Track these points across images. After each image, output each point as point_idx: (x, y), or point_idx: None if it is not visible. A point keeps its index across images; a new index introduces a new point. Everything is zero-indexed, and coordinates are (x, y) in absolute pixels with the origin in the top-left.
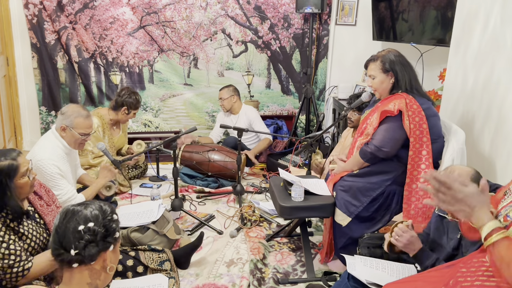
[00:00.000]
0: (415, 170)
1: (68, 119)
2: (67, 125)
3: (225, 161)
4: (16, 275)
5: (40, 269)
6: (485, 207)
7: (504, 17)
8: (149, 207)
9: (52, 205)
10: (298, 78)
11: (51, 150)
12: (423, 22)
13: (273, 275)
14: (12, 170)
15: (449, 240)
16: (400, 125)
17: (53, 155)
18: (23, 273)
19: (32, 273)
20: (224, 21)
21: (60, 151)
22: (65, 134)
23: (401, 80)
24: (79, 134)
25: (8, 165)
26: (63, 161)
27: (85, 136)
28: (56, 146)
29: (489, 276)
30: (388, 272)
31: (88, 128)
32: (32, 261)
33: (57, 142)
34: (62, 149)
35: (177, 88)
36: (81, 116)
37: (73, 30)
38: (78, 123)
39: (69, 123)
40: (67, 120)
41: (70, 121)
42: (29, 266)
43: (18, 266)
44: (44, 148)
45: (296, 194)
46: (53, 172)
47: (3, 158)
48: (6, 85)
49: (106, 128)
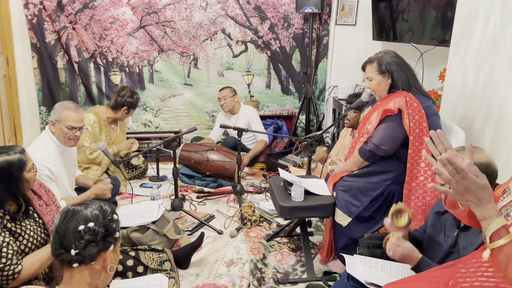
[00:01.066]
0: (414, 168)
1: (56, 113)
2: (56, 119)
3: (224, 161)
4: (6, 278)
5: (31, 271)
6: (492, 200)
7: (504, 17)
8: (149, 207)
9: (51, 205)
10: (298, 78)
11: (44, 150)
12: (423, 22)
13: (273, 275)
14: (22, 163)
15: (446, 237)
16: (399, 123)
17: (46, 155)
18: (13, 276)
19: (22, 276)
20: (224, 21)
21: (53, 151)
22: (55, 129)
23: (398, 80)
24: (66, 128)
25: (18, 159)
26: (57, 161)
27: (73, 130)
28: (49, 145)
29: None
30: (387, 272)
31: (76, 121)
32: (22, 264)
33: (50, 141)
34: (55, 148)
35: (177, 88)
36: (68, 109)
37: (73, 30)
38: (65, 115)
39: (57, 117)
40: (55, 114)
41: (58, 115)
42: (19, 270)
43: (8, 269)
44: (37, 147)
45: (296, 194)
46: (41, 174)
47: (12, 152)
48: (6, 85)
49: (102, 125)
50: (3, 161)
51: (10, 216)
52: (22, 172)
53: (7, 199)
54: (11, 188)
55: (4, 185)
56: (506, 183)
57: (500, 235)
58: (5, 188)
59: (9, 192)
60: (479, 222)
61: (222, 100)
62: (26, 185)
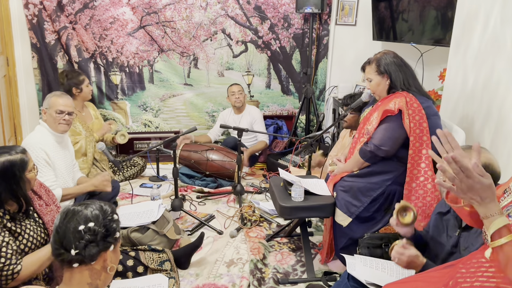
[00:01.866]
0: (415, 169)
1: (46, 102)
2: (45, 108)
3: (224, 160)
4: (5, 278)
5: (30, 271)
6: (495, 199)
7: (504, 17)
8: (149, 207)
9: (51, 205)
10: (298, 78)
11: (40, 135)
12: (423, 22)
13: (273, 275)
14: (24, 163)
15: (448, 237)
16: (400, 124)
17: (42, 140)
18: (12, 276)
19: (22, 276)
20: (224, 21)
21: (50, 138)
22: (46, 117)
23: (396, 81)
24: (55, 112)
25: (20, 159)
26: (54, 148)
27: (62, 114)
28: (44, 134)
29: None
30: (388, 272)
31: (63, 105)
32: (21, 263)
33: (45, 130)
34: (51, 136)
35: (177, 88)
36: (55, 95)
37: (73, 30)
38: (53, 101)
39: (46, 105)
40: (45, 103)
41: (47, 103)
42: (18, 270)
43: (7, 269)
44: (33, 135)
45: (296, 194)
46: (38, 157)
47: (13, 152)
48: (6, 85)
49: None
50: (5, 161)
51: (10, 216)
52: (24, 172)
53: (8, 199)
54: (12, 188)
55: (6, 185)
56: (506, 183)
57: (501, 234)
58: (6, 187)
59: (11, 192)
60: (482, 220)
61: (237, 94)
62: (27, 185)
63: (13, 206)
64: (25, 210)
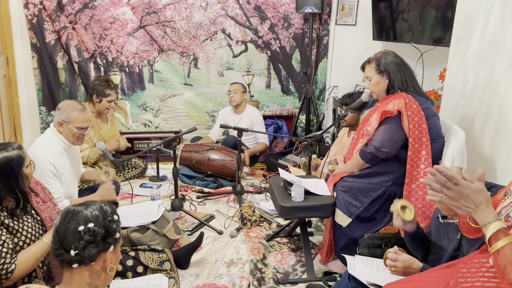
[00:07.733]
0: (414, 170)
1: (63, 114)
2: (64, 120)
3: (225, 160)
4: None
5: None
6: (490, 205)
7: (504, 17)
8: (149, 207)
9: (48, 202)
10: (298, 78)
11: (49, 146)
12: (423, 22)
13: (273, 275)
14: (21, 159)
15: (449, 241)
16: (399, 125)
17: (51, 151)
18: (6, 276)
19: (16, 275)
20: (224, 21)
21: (59, 147)
22: (62, 129)
23: (394, 80)
24: (76, 128)
25: (17, 155)
26: (62, 158)
27: (82, 130)
28: (54, 142)
29: (489, 277)
30: (388, 272)
31: (84, 122)
32: (16, 262)
33: (56, 138)
34: (61, 145)
35: (177, 88)
36: (76, 110)
37: (73, 30)
38: (74, 117)
39: (65, 118)
40: (63, 115)
41: (66, 116)
42: (12, 269)
43: (2, 268)
44: (42, 144)
45: (296, 194)
46: (46, 169)
47: (10, 148)
48: (6, 85)
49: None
50: (2, 158)
51: (7, 212)
52: (22, 168)
53: (6, 195)
54: (11, 184)
55: (4, 181)
56: (507, 186)
57: (497, 238)
58: (5, 183)
59: (9, 188)
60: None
61: (232, 92)
62: (25, 180)
63: (11, 202)
64: (23, 206)
